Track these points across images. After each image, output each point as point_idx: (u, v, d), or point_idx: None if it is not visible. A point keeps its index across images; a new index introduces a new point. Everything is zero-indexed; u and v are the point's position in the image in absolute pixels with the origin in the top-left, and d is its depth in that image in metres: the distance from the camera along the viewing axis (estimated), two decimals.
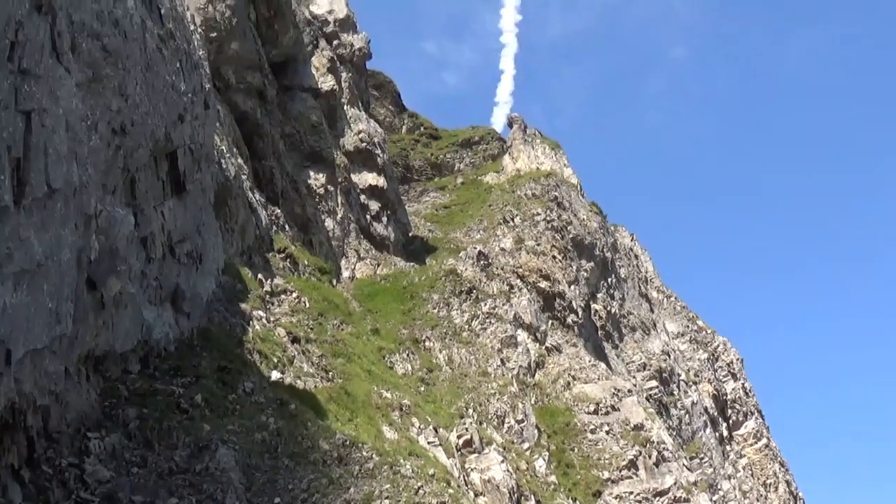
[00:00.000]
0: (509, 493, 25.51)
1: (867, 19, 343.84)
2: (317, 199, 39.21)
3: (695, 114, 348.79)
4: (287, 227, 34.05)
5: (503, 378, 35.45)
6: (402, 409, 24.13)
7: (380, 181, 46.88)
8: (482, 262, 44.73)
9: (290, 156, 38.51)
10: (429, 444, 23.37)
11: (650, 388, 52.73)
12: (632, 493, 34.80)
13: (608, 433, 37.24)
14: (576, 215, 57.77)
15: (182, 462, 12.85)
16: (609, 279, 59.09)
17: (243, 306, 22.17)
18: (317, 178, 39.88)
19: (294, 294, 27.21)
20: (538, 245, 50.25)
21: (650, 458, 36.97)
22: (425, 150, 71.78)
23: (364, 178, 46.11)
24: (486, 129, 78.69)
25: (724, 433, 63.69)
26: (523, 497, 27.03)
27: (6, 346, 8.85)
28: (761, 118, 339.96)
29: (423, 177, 68.54)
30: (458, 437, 26.60)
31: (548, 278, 47.96)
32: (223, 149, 27.10)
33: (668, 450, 38.61)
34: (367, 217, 45.35)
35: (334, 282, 35.21)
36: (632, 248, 72.35)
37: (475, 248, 46.10)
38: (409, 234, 50.60)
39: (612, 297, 58.14)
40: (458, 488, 20.52)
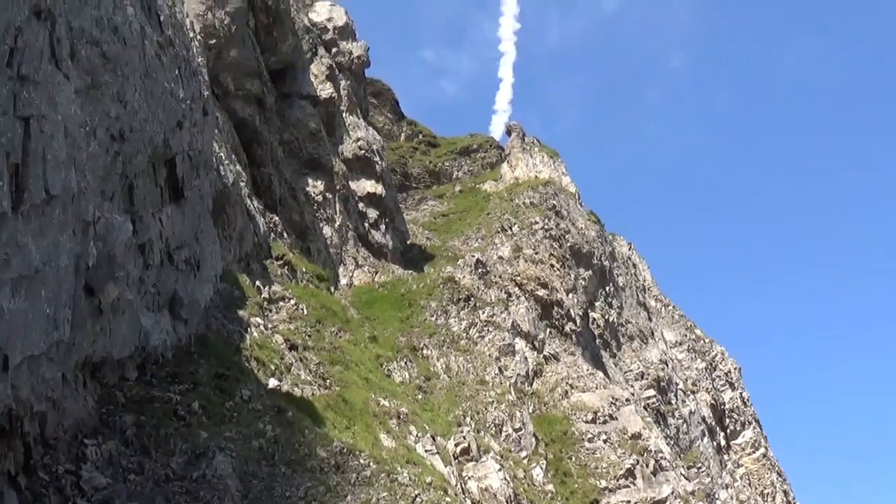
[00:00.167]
0: (506, 501, 25.48)
1: (864, 30, 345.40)
2: (315, 207, 39.24)
3: (692, 123, 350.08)
4: (285, 234, 34.06)
5: (501, 386, 35.40)
6: (399, 417, 24.09)
7: (378, 189, 46.94)
8: (480, 270, 44.72)
9: (289, 163, 38.54)
10: (426, 452, 23.33)
11: (648, 397, 52.70)
12: (629, 501, 34.75)
13: (606, 442, 37.19)
14: (574, 224, 57.81)
15: (179, 469, 12.80)
16: (607, 288, 59.11)
17: (241, 313, 22.16)
18: (315, 186, 39.92)
19: (292, 301, 27.19)
20: (536, 253, 50.28)
21: (648, 467, 36.91)
22: (424, 158, 71.80)
23: (362, 186, 46.18)
24: (485, 137, 78.77)
25: (722, 442, 63.64)
26: None
27: (3, 353, 8.83)
28: (758, 127, 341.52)
29: (421, 185, 68.56)
30: (456, 445, 26.58)
31: (546, 286, 47.98)
32: (222, 156, 27.11)
33: (665, 459, 38.55)
34: (366, 224, 45.38)
35: (332, 289, 35.19)
36: (630, 257, 72.38)
37: (473, 256, 46.11)
38: (408, 242, 50.62)
39: (610, 306, 58.13)
40: (455, 496, 20.46)
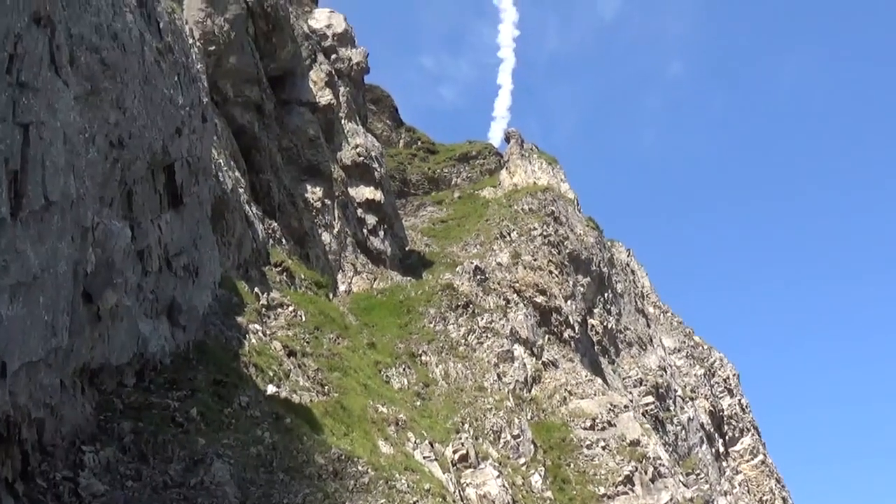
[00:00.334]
0: None
1: (860, 38, 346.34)
2: (314, 213, 39.25)
3: (691, 130, 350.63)
4: (284, 240, 34.05)
5: (499, 393, 35.38)
6: (397, 424, 24.05)
7: (377, 195, 46.97)
8: (479, 277, 44.72)
9: (288, 169, 38.56)
10: (424, 458, 23.29)
11: (646, 404, 52.63)
12: None
13: (604, 449, 37.13)
14: (572, 230, 57.83)
15: (177, 476, 12.78)
16: (606, 294, 59.10)
17: (239, 320, 22.14)
18: (314, 192, 39.94)
19: (290, 308, 27.17)
20: (535, 260, 50.27)
21: (646, 473, 36.84)
22: (422, 165, 71.87)
23: (361, 192, 46.21)
24: (484, 143, 78.80)
25: (721, 449, 63.55)
26: None
27: (2, 359, 8.82)
28: (756, 134, 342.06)
29: (420, 191, 68.61)
30: (454, 451, 26.54)
31: (544, 293, 47.96)
32: (220, 162, 27.13)
33: (664, 466, 38.48)
34: (364, 231, 45.39)
35: (331, 296, 35.18)
36: (628, 264, 72.38)
37: (472, 263, 46.11)
38: (406, 249, 50.63)
39: (609, 313, 58.12)
40: (453, 503, 20.43)
